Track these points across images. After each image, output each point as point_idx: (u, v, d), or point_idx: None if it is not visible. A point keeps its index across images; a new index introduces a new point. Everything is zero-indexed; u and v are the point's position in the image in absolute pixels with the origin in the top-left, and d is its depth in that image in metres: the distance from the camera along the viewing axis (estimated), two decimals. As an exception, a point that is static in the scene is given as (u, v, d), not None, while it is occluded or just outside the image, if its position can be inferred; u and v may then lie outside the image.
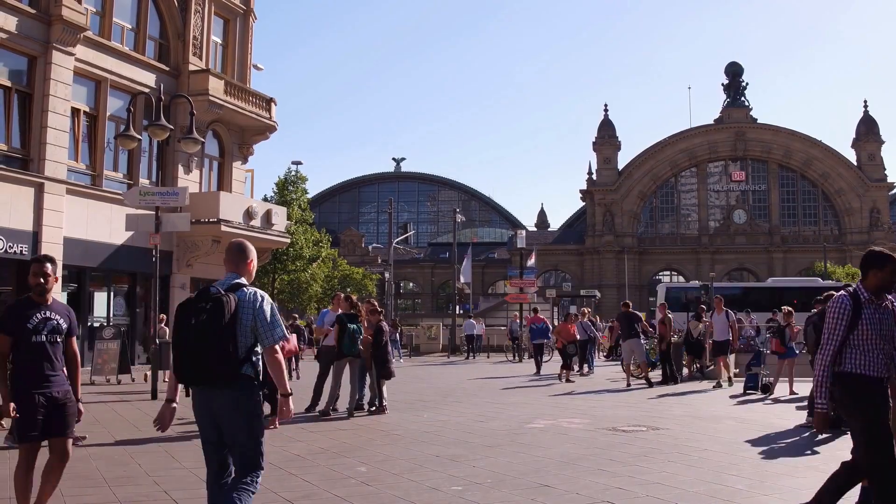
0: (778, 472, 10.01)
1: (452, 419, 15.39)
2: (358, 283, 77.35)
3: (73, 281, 27.76)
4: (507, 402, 18.77)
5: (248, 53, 36.02)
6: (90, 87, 28.58)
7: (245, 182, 36.56)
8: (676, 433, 13.35)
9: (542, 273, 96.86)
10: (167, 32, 31.96)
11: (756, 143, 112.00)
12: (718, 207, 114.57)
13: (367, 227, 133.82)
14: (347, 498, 8.66)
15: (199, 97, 29.74)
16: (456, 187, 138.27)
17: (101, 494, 8.85)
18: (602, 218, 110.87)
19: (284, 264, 54.29)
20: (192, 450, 11.67)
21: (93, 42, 28.12)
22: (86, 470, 10.18)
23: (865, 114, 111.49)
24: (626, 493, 8.78)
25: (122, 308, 29.76)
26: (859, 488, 7.33)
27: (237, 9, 35.26)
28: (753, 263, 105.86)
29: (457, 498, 8.69)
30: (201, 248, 30.60)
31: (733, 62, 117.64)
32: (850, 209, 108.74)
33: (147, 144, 29.66)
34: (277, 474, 9.90)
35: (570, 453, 11.43)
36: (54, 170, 26.23)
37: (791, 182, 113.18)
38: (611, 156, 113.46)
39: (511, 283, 48.26)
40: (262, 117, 34.70)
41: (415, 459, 11.04)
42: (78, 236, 26.99)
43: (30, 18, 25.71)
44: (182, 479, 9.57)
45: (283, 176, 57.93)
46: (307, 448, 12.03)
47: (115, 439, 12.80)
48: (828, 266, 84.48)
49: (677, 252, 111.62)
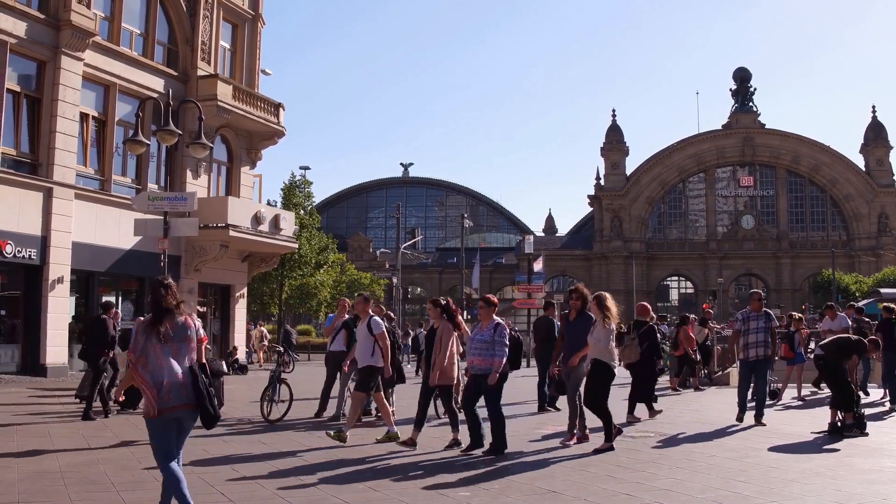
0: (786, 478, 9.98)
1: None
2: (366, 289, 77.31)
3: (81, 285, 27.82)
4: (515, 407, 18.73)
5: (257, 58, 36.08)
6: (99, 92, 28.64)
7: (253, 187, 36.59)
8: (684, 439, 13.33)
9: (549, 278, 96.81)
10: (176, 37, 32.02)
11: (764, 148, 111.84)
12: (726, 213, 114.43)
13: (375, 233, 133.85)
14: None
15: (207, 102, 29.78)
16: (463, 192, 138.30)
17: (109, 498, 8.85)
18: (610, 223, 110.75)
19: (292, 269, 54.25)
20: (199, 455, 11.68)
21: (101, 47, 28.18)
22: (93, 474, 10.20)
23: (874, 119, 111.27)
24: (634, 500, 8.78)
25: (130, 313, 29.76)
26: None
27: (245, 14, 35.32)
28: (761, 269, 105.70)
29: (465, 501, 8.71)
30: (209, 253, 30.64)
31: (741, 67, 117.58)
32: (859, 215, 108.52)
33: (155, 149, 29.72)
34: (285, 480, 9.92)
35: (578, 459, 11.41)
36: (63, 174, 26.28)
37: (799, 187, 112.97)
38: (619, 161, 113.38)
39: (519, 288, 48.28)
40: (270, 122, 34.74)
41: (424, 466, 11.02)
42: (86, 241, 27.02)
43: (39, 23, 25.78)
44: (189, 484, 9.54)
45: (288, 181, 57.95)
46: (314, 454, 12.01)
47: (121, 442, 12.79)
48: (836, 272, 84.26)
49: (685, 257, 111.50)
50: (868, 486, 9.57)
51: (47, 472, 10.40)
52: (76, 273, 26.93)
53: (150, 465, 10.73)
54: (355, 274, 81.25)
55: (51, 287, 25.62)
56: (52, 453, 11.86)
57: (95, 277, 28.21)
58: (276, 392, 15.79)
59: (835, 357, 14.08)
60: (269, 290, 58.30)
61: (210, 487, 9.42)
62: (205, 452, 11.90)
